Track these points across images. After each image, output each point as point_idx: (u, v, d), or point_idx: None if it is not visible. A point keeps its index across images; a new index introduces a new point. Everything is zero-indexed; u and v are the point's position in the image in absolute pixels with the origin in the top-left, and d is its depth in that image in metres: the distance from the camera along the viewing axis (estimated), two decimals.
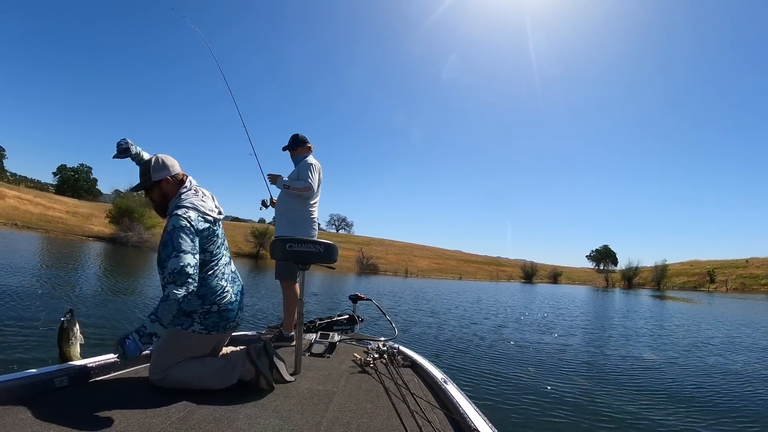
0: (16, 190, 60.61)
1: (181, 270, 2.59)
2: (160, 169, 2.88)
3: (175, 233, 2.66)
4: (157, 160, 2.90)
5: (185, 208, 2.77)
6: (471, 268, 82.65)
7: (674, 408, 6.54)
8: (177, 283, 2.58)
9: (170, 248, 2.63)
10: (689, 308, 30.11)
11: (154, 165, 2.88)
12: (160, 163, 2.89)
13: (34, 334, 7.17)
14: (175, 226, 2.67)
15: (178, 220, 2.69)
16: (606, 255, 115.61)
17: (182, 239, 2.67)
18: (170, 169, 2.91)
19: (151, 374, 2.69)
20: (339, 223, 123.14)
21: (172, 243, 2.64)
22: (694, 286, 69.47)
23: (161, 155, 2.94)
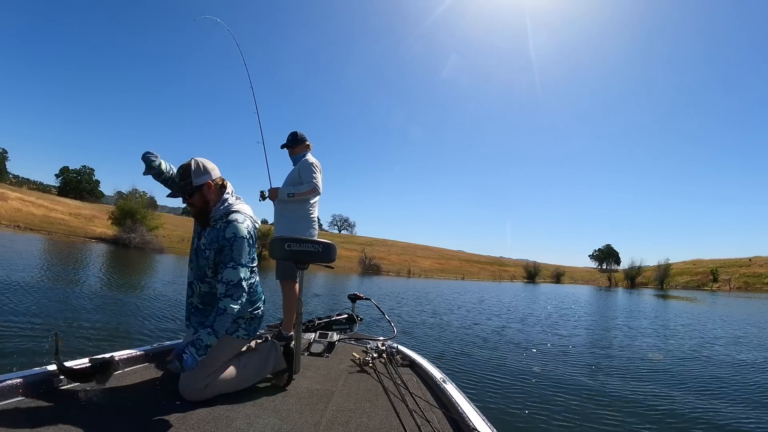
0: (19, 192, 60.68)
1: (238, 283, 2.61)
2: (201, 174, 2.79)
3: (236, 243, 2.66)
4: (197, 164, 2.80)
5: (243, 216, 2.79)
6: (474, 268, 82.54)
7: (681, 407, 6.46)
8: (234, 296, 2.59)
9: (229, 257, 2.64)
10: (693, 307, 29.95)
11: (195, 170, 2.78)
12: (201, 167, 2.79)
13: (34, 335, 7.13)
14: (236, 235, 2.67)
15: (240, 230, 2.69)
16: (609, 254, 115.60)
17: (243, 250, 2.68)
18: (211, 174, 2.82)
19: (189, 386, 2.54)
20: (341, 223, 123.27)
21: (232, 253, 2.65)
22: (697, 285, 69.31)
23: (200, 159, 2.84)
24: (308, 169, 4.52)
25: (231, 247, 2.64)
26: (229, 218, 2.73)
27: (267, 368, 2.89)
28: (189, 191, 2.77)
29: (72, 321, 8.61)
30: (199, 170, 2.78)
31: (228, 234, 2.66)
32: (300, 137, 4.71)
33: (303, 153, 4.69)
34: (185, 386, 2.53)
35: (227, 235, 2.66)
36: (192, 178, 2.76)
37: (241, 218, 2.75)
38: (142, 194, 46.63)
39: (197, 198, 2.79)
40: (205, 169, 2.79)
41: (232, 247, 2.64)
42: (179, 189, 2.79)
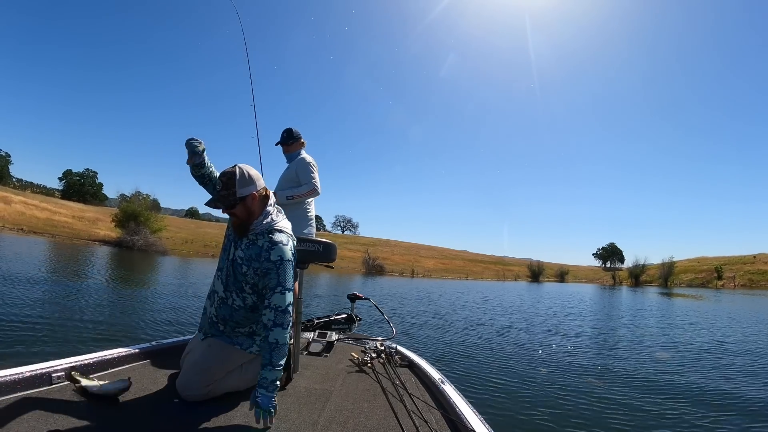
0: (22, 196, 60.82)
1: (286, 309, 2.49)
2: (246, 184, 2.58)
3: (282, 266, 2.52)
4: (242, 173, 2.58)
5: (287, 236, 2.66)
6: (477, 268, 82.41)
7: (690, 410, 6.36)
8: (284, 324, 2.47)
9: (276, 282, 2.50)
10: (699, 305, 29.82)
11: (240, 179, 2.57)
12: (246, 176, 2.59)
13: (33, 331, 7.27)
14: (283, 259, 2.53)
15: (286, 252, 2.56)
16: (612, 253, 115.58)
17: (289, 274, 2.55)
18: (257, 184, 2.63)
19: (189, 389, 2.49)
20: (344, 224, 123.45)
21: (278, 277, 2.50)
22: (702, 283, 69.20)
23: (245, 167, 2.64)
24: (306, 168, 4.46)
25: (277, 271, 2.50)
26: (273, 239, 2.58)
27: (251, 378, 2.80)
28: (232, 202, 2.57)
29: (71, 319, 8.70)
30: (244, 179, 2.58)
31: (273, 257, 2.52)
32: (295, 134, 4.62)
33: (298, 151, 4.63)
34: (185, 390, 2.48)
35: (273, 258, 2.52)
36: (236, 188, 2.55)
37: (285, 239, 2.62)
38: (146, 196, 46.64)
39: (240, 209, 2.59)
40: (250, 179, 2.60)
41: (278, 271, 2.50)
42: (222, 199, 2.58)
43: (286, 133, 4.62)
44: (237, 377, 2.66)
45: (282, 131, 4.65)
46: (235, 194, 2.54)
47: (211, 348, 2.65)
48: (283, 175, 4.61)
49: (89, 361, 2.73)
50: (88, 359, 2.73)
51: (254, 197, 2.61)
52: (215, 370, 2.55)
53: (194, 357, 2.62)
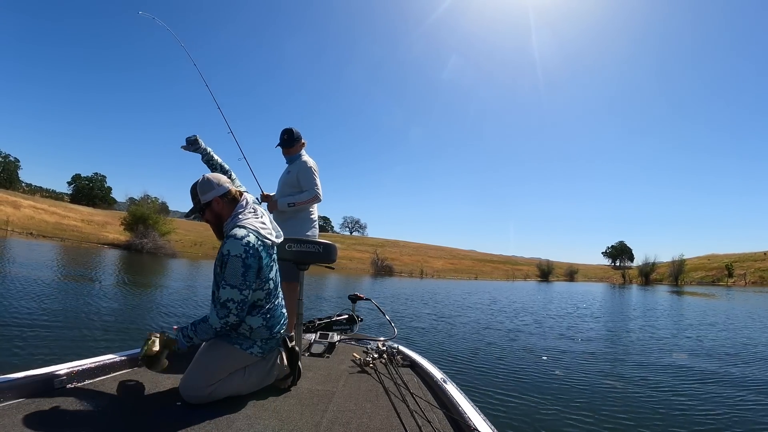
0: (32, 200, 61.19)
1: (224, 303, 2.56)
2: (207, 190, 2.77)
3: (229, 261, 2.56)
4: (203, 180, 2.79)
5: (245, 231, 2.65)
6: (486, 268, 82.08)
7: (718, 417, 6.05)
8: (219, 314, 2.58)
9: (221, 276, 2.60)
10: (715, 304, 29.18)
11: (200, 186, 2.78)
12: (207, 183, 2.78)
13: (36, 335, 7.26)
14: (230, 253, 2.57)
15: (235, 247, 2.58)
16: (622, 251, 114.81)
17: (234, 270, 2.57)
18: (218, 189, 2.77)
19: (191, 391, 2.50)
20: (352, 225, 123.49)
21: (224, 272, 2.58)
22: (713, 281, 68.37)
23: (208, 175, 2.84)
24: (309, 174, 4.40)
25: (225, 266, 2.57)
26: (229, 233, 2.64)
27: (270, 377, 2.85)
28: (200, 209, 2.81)
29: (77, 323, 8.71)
30: (204, 186, 2.77)
31: (224, 251, 2.59)
32: (296, 135, 4.49)
33: (299, 153, 4.53)
34: (187, 390, 2.51)
35: (223, 251, 2.59)
36: (200, 196, 2.77)
37: (242, 234, 2.61)
38: (154, 200, 46.90)
39: (209, 214, 2.80)
40: (210, 185, 2.78)
41: (226, 266, 2.56)
42: (193, 207, 2.85)
43: (287, 134, 4.48)
44: (240, 380, 2.67)
45: (281, 132, 4.50)
46: (200, 201, 2.77)
47: (212, 348, 2.67)
48: (284, 179, 4.51)
49: (91, 366, 2.74)
50: (89, 363, 2.74)
51: (218, 201, 2.77)
52: (217, 369, 2.57)
53: (196, 357, 2.63)
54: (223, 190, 2.77)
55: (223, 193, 2.77)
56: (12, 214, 47.22)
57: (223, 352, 2.66)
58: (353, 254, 69.95)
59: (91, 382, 2.67)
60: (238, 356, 2.68)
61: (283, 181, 4.51)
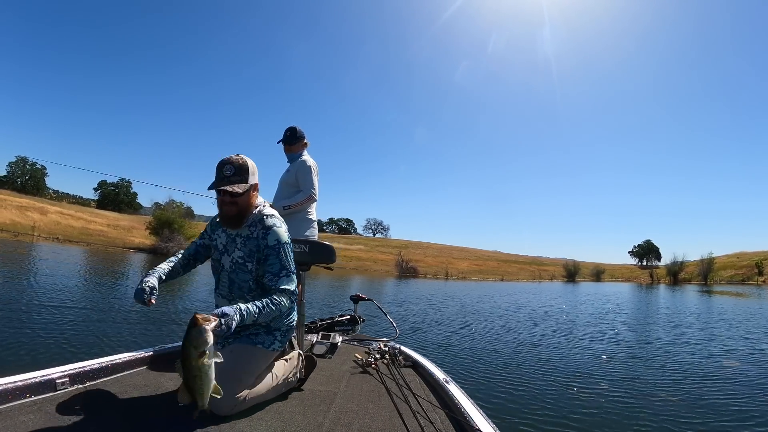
0: (58, 206, 62.03)
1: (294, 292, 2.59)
2: (254, 173, 2.63)
3: (282, 249, 2.57)
4: (251, 163, 2.62)
5: (279, 220, 2.68)
6: (512, 269, 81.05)
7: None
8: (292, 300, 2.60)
9: (278, 266, 2.55)
10: (752, 304, 28.33)
11: (251, 168, 2.60)
12: (253, 167, 2.63)
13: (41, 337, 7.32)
14: (280, 242, 2.57)
15: (282, 235, 2.60)
16: (649, 250, 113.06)
17: (290, 257, 2.61)
18: (255, 178, 2.65)
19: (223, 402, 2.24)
20: (375, 227, 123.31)
21: (280, 261, 2.56)
22: (742, 279, 67.68)
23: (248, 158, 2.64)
24: (307, 174, 4.44)
25: (278, 255, 2.55)
26: (266, 223, 2.60)
27: (295, 379, 2.83)
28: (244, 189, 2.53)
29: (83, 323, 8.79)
30: (253, 169, 2.62)
31: (271, 242, 2.55)
32: (299, 134, 4.54)
33: (300, 152, 4.57)
34: (217, 402, 2.20)
35: (270, 243, 2.55)
36: (248, 175, 2.57)
37: (278, 222, 2.64)
38: (179, 204, 47.00)
39: (244, 198, 2.57)
40: (255, 170, 2.65)
41: (278, 255, 2.55)
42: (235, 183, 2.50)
43: (290, 131, 4.54)
44: (270, 385, 2.59)
45: (285, 129, 4.56)
46: (247, 181, 2.55)
47: (235, 353, 2.53)
48: (284, 179, 4.57)
49: (93, 367, 2.72)
50: (92, 365, 2.73)
51: (257, 187, 2.68)
52: (245, 376, 2.46)
53: (226, 367, 2.36)
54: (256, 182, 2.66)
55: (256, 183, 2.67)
56: (39, 219, 47.72)
57: (249, 356, 2.56)
58: (377, 256, 69.69)
59: (93, 384, 2.65)
60: (261, 356, 2.61)
61: (283, 180, 4.57)
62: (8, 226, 42.70)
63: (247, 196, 2.57)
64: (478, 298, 25.85)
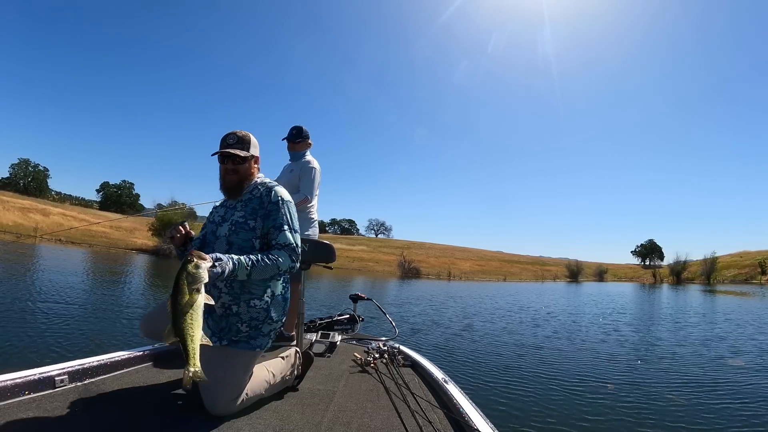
0: (61, 208, 62.18)
1: (295, 247, 2.56)
2: (255, 146, 2.72)
3: (285, 205, 2.60)
4: (252, 136, 2.71)
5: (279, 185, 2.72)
6: (515, 269, 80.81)
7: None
8: (293, 257, 2.54)
9: (281, 220, 2.55)
10: (757, 304, 28.22)
11: (252, 140, 2.69)
12: (255, 141, 2.73)
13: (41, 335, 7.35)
14: (284, 198, 2.61)
15: (285, 193, 2.66)
16: (652, 250, 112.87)
17: (293, 214, 2.64)
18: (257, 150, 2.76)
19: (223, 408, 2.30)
20: (378, 227, 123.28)
21: (284, 216, 2.57)
22: (746, 279, 67.70)
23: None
24: (310, 176, 4.47)
25: (280, 211, 2.56)
26: (268, 185, 2.67)
27: (291, 378, 2.84)
28: (246, 157, 2.63)
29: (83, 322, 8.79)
30: (255, 143, 2.72)
31: (274, 198, 2.58)
32: (305, 134, 4.60)
33: (304, 152, 4.61)
34: (217, 409, 2.29)
35: (273, 199, 2.58)
36: (250, 146, 2.67)
37: (279, 185, 2.70)
38: (182, 206, 46.96)
39: (245, 168, 2.65)
40: (256, 144, 2.74)
41: (281, 211, 2.57)
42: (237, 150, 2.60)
43: (296, 130, 4.59)
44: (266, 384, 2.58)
45: (291, 127, 4.62)
46: (249, 150, 2.64)
47: (231, 360, 2.44)
48: (287, 178, 4.58)
49: (93, 364, 2.74)
50: (91, 362, 2.74)
51: (258, 161, 2.75)
52: (242, 380, 2.44)
53: (217, 373, 2.28)
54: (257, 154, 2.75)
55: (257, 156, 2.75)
56: (41, 221, 47.75)
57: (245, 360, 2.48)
58: (380, 257, 69.58)
59: (92, 381, 2.66)
60: (251, 357, 2.53)
61: (285, 180, 4.56)
62: (11, 227, 42.72)
63: (248, 164, 2.65)
64: (479, 298, 25.75)
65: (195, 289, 1.93)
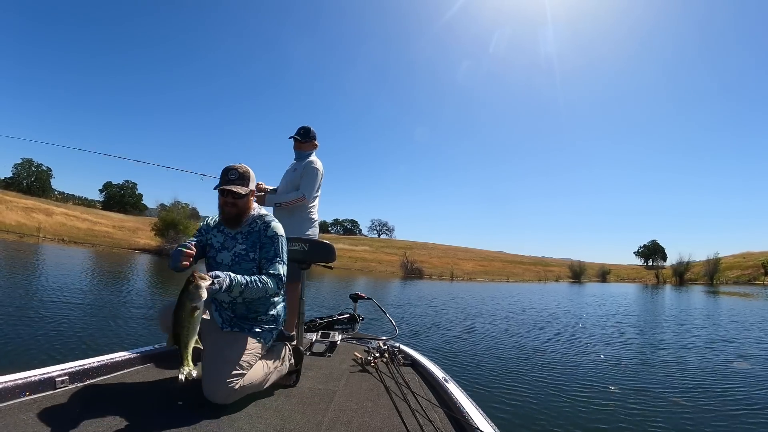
0: (64, 207, 62.21)
1: (281, 278, 2.86)
2: (254, 180, 2.97)
3: (278, 240, 2.91)
4: (250, 171, 2.95)
5: (276, 221, 2.99)
6: (517, 269, 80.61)
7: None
8: (279, 285, 2.84)
9: (273, 253, 2.88)
10: (762, 305, 28.12)
11: (251, 176, 2.93)
12: (253, 175, 2.96)
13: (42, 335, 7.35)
14: (278, 234, 2.92)
15: (280, 229, 2.96)
16: (654, 251, 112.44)
17: (284, 249, 2.95)
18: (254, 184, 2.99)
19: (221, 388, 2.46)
20: (380, 228, 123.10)
21: (276, 250, 2.89)
22: (749, 280, 67.44)
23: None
24: (311, 177, 4.48)
25: (273, 245, 2.87)
26: (266, 220, 2.94)
27: (284, 368, 2.96)
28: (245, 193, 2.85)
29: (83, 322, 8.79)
30: (253, 177, 2.95)
31: (270, 233, 2.88)
32: (312, 134, 4.62)
33: (309, 152, 4.63)
34: (214, 390, 2.47)
35: (269, 234, 2.88)
36: (249, 182, 2.89)
37: (276, 220, 2.98)
38: (185, 206, 46.97)
39: (243, 201, 2.88)
40: (254, 178, 2.97)
41: (274, 245, 2.87)
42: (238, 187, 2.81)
43: (304, 130, 4.61)
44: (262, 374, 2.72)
45: (299, 127, 4.64)
46: (248, 186, 2.88)
47: (230, 340, 2.72)
48: (290, 177, 4.60)
49: (94, 365, 2.76)
50: (91, 363, 2.77)
51: (254, 193, 2.99)
52: (238, 361, 2.58)
53: (215, 353, 2.60)
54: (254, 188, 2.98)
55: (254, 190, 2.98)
56: (44, 221, 47.83)
57: (241, 342, 2.70)
58: (382, 257, 69.47)
59: (92, 382, 2.69)
60: (261, 348, 2.79)
61: (288, 178, 4.60)
62: (14, 227, 42.82)
63: (247, 199, 2.88)
64: (481, 299, 25.68)
65: (194, 307, 2.25)
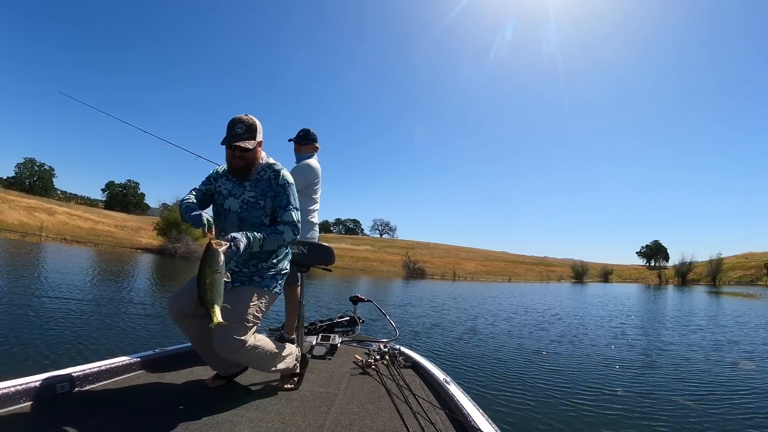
0: (66, 207, 62.30)
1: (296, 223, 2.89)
2: (261, 131, 2.88)
3: (291, 189, 2.92)
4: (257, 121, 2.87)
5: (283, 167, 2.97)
6: (520, 269, 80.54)
7: None
8: (294, 231, 2.88)
9: (286, 201, 2.88)
10: (766, 306, 28.00)
11: (259, 127, 2.86)
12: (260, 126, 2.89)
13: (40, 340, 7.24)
14: (288, 182, 2.91)
15: (289, 177, 2.94)
16: (657, 251, 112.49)
17: (296, 195, 2.95)
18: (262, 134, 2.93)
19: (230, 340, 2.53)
20: (382, 227, 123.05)
21: (288, 197, 2.90)
22: (751, 280, 67.71)
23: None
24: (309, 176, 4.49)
25: (285, 193, 2.88)
26: (275, 168, 2.92)
27: (291, 362, 2.98)
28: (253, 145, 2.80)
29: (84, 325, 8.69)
30: (260, 128, 2.87)
31: (281, 181, 2.88)
32: (312, 136, 4.64)
33: (309, 154, 4.64)
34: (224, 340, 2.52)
35: (281, 182, 2.88)
36: (256, 134, 2.83)
37: (283, 168, 2.96)
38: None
39: (252, 153, 2.83)
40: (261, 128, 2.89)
41: (287, 193, 2.89)
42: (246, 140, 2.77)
43: (303, 132, 4.63)
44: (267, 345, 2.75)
45: (299, 130, 4.66)
46: (256, 138, 2.82)
47: (239, 295, 2.73)
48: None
49: (93, 370, 2.75)
50: (92, 368, 2.75)
51: (261, 144, 2.92)
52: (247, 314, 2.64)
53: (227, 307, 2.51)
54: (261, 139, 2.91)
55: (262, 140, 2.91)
56: (47, 220, 47.85)
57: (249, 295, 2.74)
58: (384, 257, 69.42)
59: (93, 387, 2.68)
60: (265, 296, 2.83)
61: None
62: (16, 226, 42.85)
63: (255, 151, 2.84)
64: (483, 299, 25.59)
65: (215, 270, 2.31)
